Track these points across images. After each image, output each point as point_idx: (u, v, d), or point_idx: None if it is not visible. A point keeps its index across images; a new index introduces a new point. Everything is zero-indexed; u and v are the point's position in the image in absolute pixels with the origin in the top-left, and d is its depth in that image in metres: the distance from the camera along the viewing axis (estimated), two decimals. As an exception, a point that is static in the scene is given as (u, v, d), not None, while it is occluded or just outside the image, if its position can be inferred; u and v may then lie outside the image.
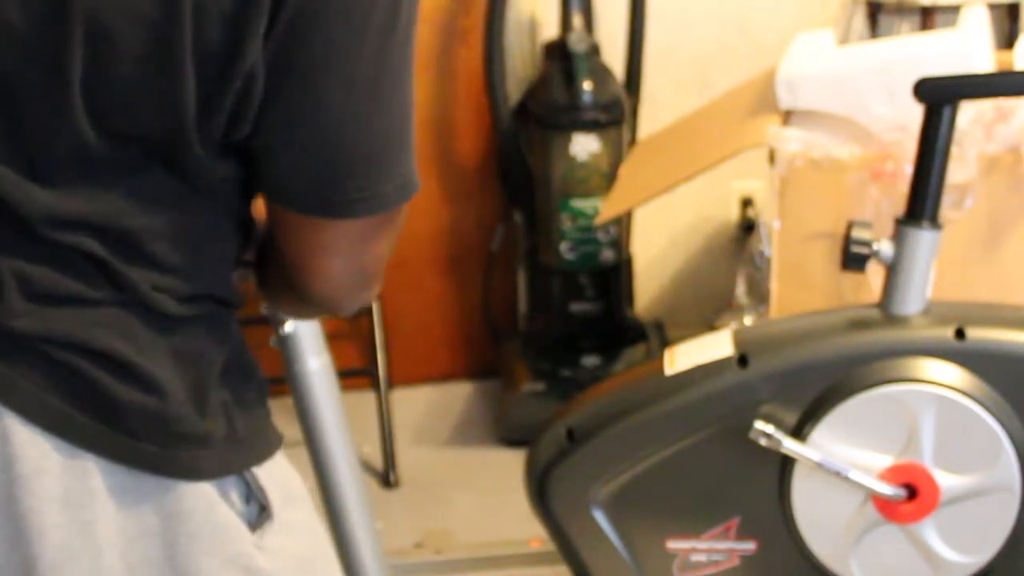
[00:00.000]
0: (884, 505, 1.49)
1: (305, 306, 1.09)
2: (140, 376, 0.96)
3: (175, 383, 0.97)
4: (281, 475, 1.06)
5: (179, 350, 0.98)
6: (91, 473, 0.95)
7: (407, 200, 1.05)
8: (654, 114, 2.90)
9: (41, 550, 0.94)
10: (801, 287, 1.88)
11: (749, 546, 1.56)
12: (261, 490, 1.03)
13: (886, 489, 1.47)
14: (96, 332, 0.95)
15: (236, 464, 1.01)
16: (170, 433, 0.97)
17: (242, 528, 1.01)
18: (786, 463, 1.50)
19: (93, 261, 0.94)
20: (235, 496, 1.01)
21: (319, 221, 0.99)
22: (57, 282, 0.94)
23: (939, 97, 1.47)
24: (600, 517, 1.57)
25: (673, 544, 1.57)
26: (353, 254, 1.03)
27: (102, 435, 0.95)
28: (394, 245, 1.07)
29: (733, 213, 3.13)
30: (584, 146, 2.76)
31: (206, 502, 0.99)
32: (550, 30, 2.92)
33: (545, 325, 2.99)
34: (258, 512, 1.03)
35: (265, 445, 1.05)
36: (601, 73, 2.80)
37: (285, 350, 1.45)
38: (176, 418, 0.97)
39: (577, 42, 2.75)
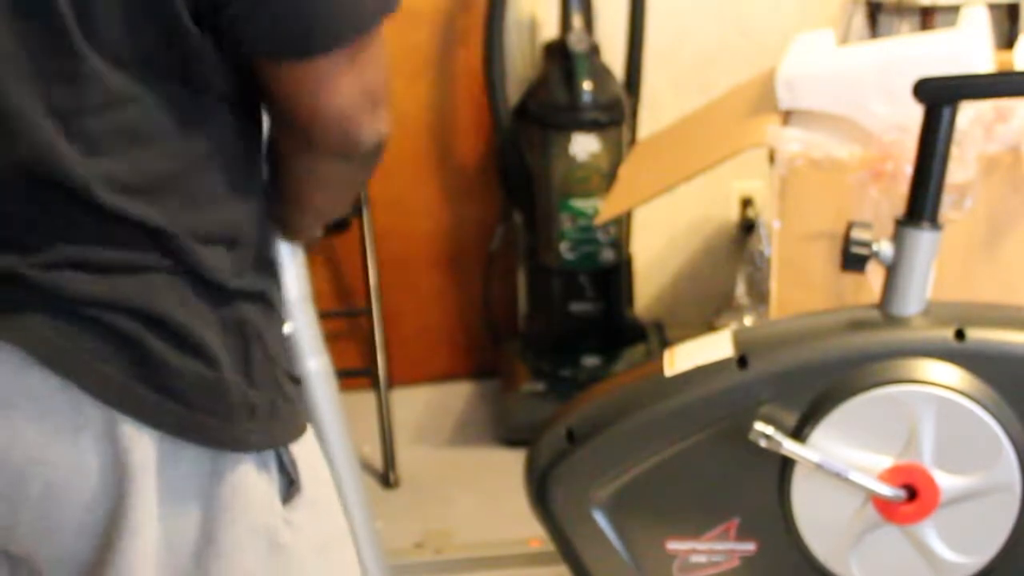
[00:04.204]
0: (884, 506, 1.49)
1: (320, 160, 1.07)
2: (194, 343, 0.98)
3: (225, 352, 1.00)
4: (310, 452, 1.09)
5: (227, 321, 1.01)
6: (145, 445, 0.97)
7: (380, 20, 1.03)
8: (654, 114, 2.90)
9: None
10: (801, 287, 1.87)
11: (749, 547, 1.56)
12: (292, 463, 1.05)
13: (886, 490, 1.47)
14: (154, 297, 0.98)
15: (279, 438, 1.04)
16: (222, 403, 1.00)
17: (274, 501, 1.04)
18: (786, 464, 1.50)
19: (145, 229, 0.97)
20: (272, 466, 1.04)
21: (303, 64, 1.01)
22: (114, 248, 0.97)
23: (939, 97, 1.47)
24: (600, 517, 1.57)
25: (673, 545, 1.57)
26: (350, 80, 1.02)
27: (159, 407, 0.97)
28: (387, 64, 1.07)
29: (733, 213, 3.13)
30: (584, 146, 2.76)
31: (241, 470, 1.01)
32: (550, 30, 2.92)
33: (545, 325, 2.99)
34: (288, 485, 1.05)
35: (300, 423, 1.08)
36: (601, 73, 2.80)
37: (285, 351, 1.45)
38: (228, 387, 1.00)
39: (577, 42, 2.75)
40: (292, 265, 1.42)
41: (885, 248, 1.51)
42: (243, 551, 1.02)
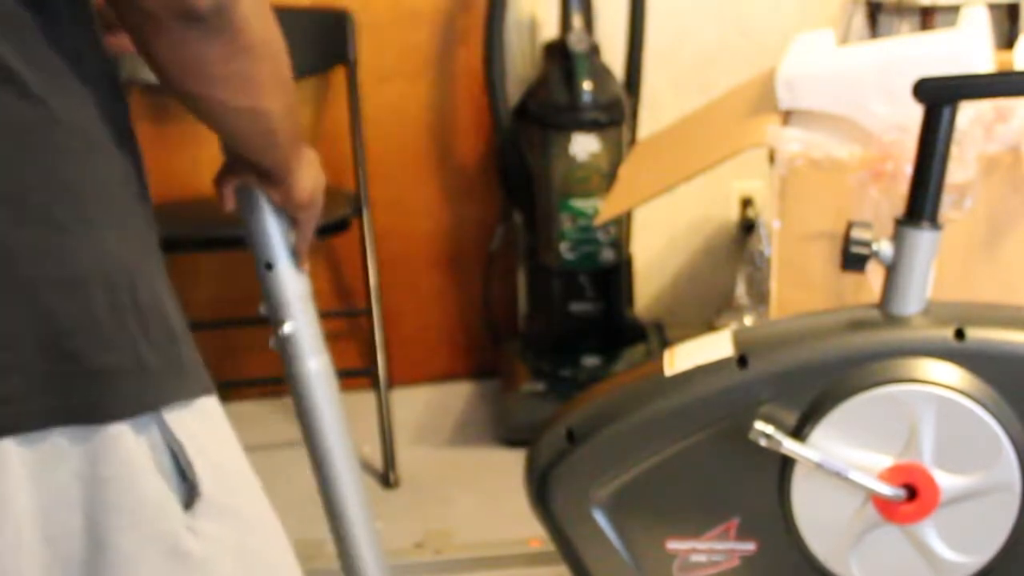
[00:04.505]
0: (884, 505, 1.49)
1: (166, 30, 0.97)
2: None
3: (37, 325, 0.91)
4: (216, 448, 1.02)
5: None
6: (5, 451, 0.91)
7: None
8: (654, 114, 2.90)
9: None
10: (801, 287, 1.87)
11: (749, 546, 1.56)
12: (189, 465, 0.98)
13: (886, 489, 1.47)
14: None
15: (149, 399, 0.96)
16: (61, 377, 0.92)
17: (171, 504, 0.97)
18: (786, 463, 1.50)
19: None
20: (165, 468, 0.97)
21: None
22: None
23: (939, 97, 1.47)
24: (600, 517, 1.57)
25: (673, 544, 1.57)
26: None
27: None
28: None
29: (733, 213, 3.13)
30: (584, 146, 2.76)
31: (129, 471, 0.95)
32: (550, 30, 2.92)
33: (545, 325, 2.99)
34: (189, 490, 0.98)
35: (184, 384, 0.99)
36: (601, 73, 2.80)
37: (284, 351, 1.45)
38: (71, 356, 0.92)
39: (577, 42, 2.75)
40: (291, 265, 1.42)
41: (885, 248, 1.51)
42: (137, 559, 0.95)
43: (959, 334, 1.48)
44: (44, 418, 0.92)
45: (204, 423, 1.02)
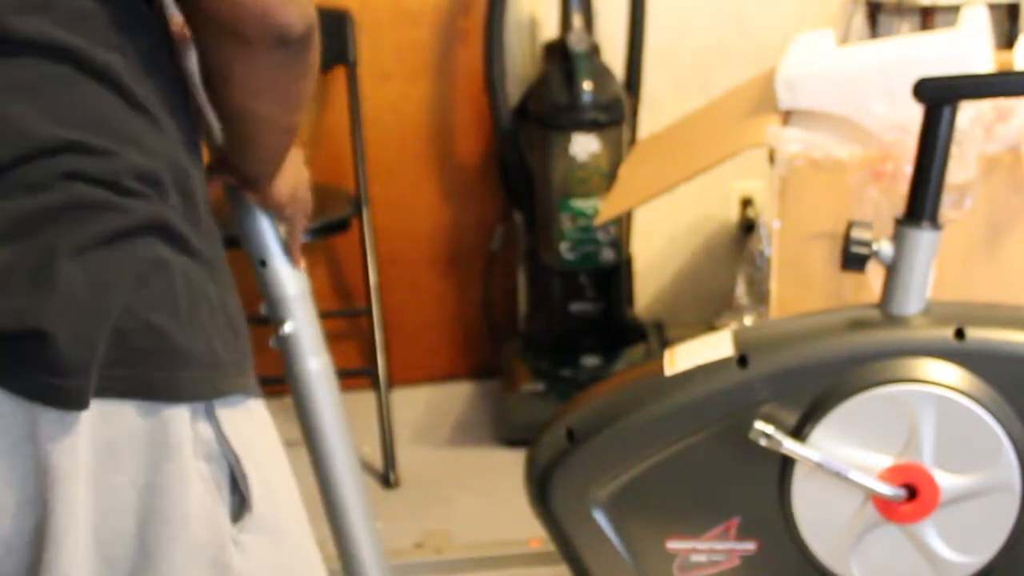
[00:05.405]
0: (884, 505, 1.49)
1: (255, 56, 1.01)
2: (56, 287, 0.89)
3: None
4: (266, 459, 1.01)
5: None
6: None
7: None
8: (654, 114, 2.90)
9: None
10: (801, 287, 1.88)
11: (749, 546, 1.56)
12: (244, 476, 0.98)
13: (886, 489, 1.47)
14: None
15: (214, 387, 0.96)
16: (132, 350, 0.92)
17: (221, 517, 0.97)
18: (786, 463, 1.50)
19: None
20: (220, 479, 0.97)
21: None
22: None
23: (939, 97, 1.47)
24: (600, 517, 1.57)
25: (673, 544, 1.57)
26: None
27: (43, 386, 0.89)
28: None
29: (733, 213, 3.13)
30: (584, 146, 2.76)
31: (181, 481, 0.94)
32: (550, 30, 2.92)
33: (545, 325, 2.99)
34: (239, 502, 0.98)
35: (245, 381, 1.00)
36: (601, 73, 2.80)
37: (285, 350, 1.45)
38: (149, 332, 0.92)
39: (577, 42, 2.75)
40: (285, 262, 1.42)
41: (885, 248, 1.51)
42: (183, 570, 0.94)
43: (959, 334, 1.48)
44: (122, 388, 0.91)
45: (255, 426, 1.02)
